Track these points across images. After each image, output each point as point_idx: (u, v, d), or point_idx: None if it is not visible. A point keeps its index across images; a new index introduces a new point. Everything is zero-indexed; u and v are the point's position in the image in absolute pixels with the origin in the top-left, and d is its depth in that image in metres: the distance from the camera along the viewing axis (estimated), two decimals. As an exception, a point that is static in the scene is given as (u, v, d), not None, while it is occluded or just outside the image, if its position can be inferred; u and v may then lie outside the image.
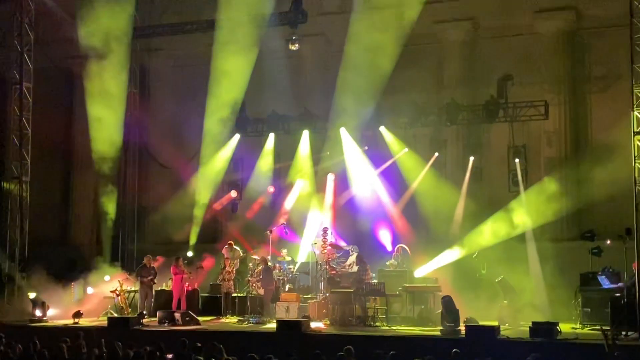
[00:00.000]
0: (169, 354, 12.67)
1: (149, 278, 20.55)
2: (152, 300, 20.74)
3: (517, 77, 21.14)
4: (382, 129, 22.42)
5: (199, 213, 23.60)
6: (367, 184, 22.61)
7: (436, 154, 22.38)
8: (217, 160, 23.52)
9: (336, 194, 23.05)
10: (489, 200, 21.72)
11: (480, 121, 21.82)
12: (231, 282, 20.50)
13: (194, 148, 23.69)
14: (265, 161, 23.71)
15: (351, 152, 22.77)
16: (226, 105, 22.37)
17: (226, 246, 21.98)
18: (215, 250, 22.64)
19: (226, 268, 20.50)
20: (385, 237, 21.93)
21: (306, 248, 22.07)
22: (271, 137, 23.67)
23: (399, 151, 22.38)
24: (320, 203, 22.93)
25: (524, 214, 20.46)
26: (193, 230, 23.51)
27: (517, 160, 21.07)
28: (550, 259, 19.70)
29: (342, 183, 23.01)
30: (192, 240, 23.55)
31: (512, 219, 20.46)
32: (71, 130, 26.04)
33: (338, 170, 23.05)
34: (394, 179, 22.50)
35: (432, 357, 11.97)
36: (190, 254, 23.05)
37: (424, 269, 20.37)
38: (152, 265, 20.85)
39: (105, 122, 22.98)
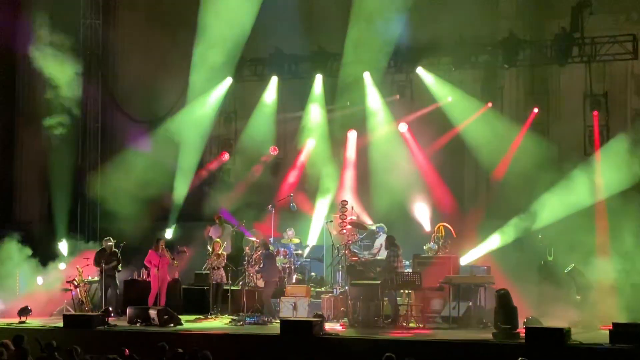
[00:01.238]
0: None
1: (111, 265, 20.68)
2: (117, 292, 20.89)
3: (596, 4, 20.92)
4: (420, 70, 22.33)
5: (181, 181, 23.64)
6: (398, 143, 22.58)
7: (489, 104, 22.28)
8: (202, 111, 23.50)
9: (358, 156, 23.04)
10: (558, 164, 21.58)
11: (547, 62, 21.72)
12: (222, 271, 20.59)
13: (175, 97, 23.64)
14: (266, 113, 23.68)
15: (377, 102, 22.71)
16: (220, 43, 22.30)
17: (214, 224, 22.05)
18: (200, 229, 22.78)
19: (215, 252, 20.54)
20: (421, 212, 21.94)
21: (319, 227, 22.10)
22: (273, 81, 23.61)
23: (441, 99, 22.32)
24: (337, 168, 22.93)
25: (603, 181, 20.36)
26: (173, 203, 23.57)
27: (595, 112, 20.92)
28: (638, 241, 19.64)
29: (366, 142, 22.99)
30: (172, 217, 23.61)
31: (587, 188, 20.36)
32: (14, 74, 26.01)
33: (360, 126, 23.01)
34: (433, 137, 22.46)
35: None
36: (169, 234, 23.11)
37: (472, 255, 20.38)
38: (113, 249, 20.96)
39: (58, 64, 22.94)
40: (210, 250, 20.77)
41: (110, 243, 20.93)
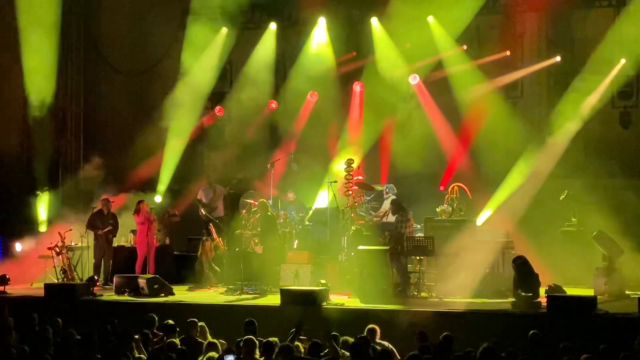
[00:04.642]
0: (135, 334, 12.87)
1: (107, 229, 20.73)
2: (111, 261, 20.98)
3: None
4: (430, 19, 22.26)
5: (173, 139, 23.60)
6: (408, 96, 22.55)
7: (507, 52, 22.22)
8: (198, 63, 23.46)
9: (365, 110, 23.00)
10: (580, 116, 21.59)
11: (572, 5, 21.58)
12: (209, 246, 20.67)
13: (164, 45, 23.56)
14: (263, 63, 23.60)
15: (386, 50, 22.65)
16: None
17: (203, 186, 22.10)
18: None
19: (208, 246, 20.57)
20: (435, 171, 21.94)
21: (323, 188, 22.12)
22: (272, 28, 23.53)
23: (455, 46, 22.31)
24: (342, 123, 22.92)
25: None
26: (164, 162, 23.53)
27: (623, 60, 20.88)
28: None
29: (374, 94, 22.95)
30: (163, 178, 23.59)
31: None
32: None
33: (368, 77, 22.96)
34: (447, 89, 22.41)
35: (501, 340, 12.05)
36: (158, 198, 23.12)
37: (490, 217, 20.45)
38: (111, 211, 20.99)
39: (35, 4, 22.81)
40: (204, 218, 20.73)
41: (107, 204, 20.96)
